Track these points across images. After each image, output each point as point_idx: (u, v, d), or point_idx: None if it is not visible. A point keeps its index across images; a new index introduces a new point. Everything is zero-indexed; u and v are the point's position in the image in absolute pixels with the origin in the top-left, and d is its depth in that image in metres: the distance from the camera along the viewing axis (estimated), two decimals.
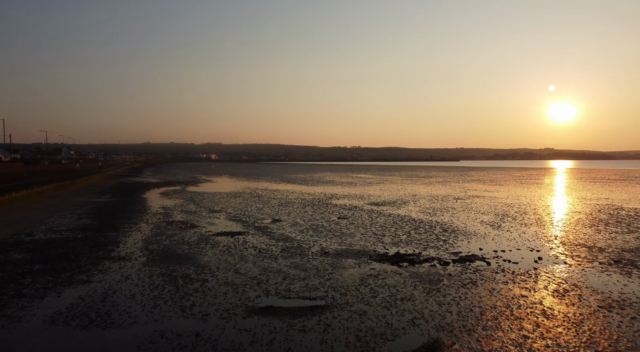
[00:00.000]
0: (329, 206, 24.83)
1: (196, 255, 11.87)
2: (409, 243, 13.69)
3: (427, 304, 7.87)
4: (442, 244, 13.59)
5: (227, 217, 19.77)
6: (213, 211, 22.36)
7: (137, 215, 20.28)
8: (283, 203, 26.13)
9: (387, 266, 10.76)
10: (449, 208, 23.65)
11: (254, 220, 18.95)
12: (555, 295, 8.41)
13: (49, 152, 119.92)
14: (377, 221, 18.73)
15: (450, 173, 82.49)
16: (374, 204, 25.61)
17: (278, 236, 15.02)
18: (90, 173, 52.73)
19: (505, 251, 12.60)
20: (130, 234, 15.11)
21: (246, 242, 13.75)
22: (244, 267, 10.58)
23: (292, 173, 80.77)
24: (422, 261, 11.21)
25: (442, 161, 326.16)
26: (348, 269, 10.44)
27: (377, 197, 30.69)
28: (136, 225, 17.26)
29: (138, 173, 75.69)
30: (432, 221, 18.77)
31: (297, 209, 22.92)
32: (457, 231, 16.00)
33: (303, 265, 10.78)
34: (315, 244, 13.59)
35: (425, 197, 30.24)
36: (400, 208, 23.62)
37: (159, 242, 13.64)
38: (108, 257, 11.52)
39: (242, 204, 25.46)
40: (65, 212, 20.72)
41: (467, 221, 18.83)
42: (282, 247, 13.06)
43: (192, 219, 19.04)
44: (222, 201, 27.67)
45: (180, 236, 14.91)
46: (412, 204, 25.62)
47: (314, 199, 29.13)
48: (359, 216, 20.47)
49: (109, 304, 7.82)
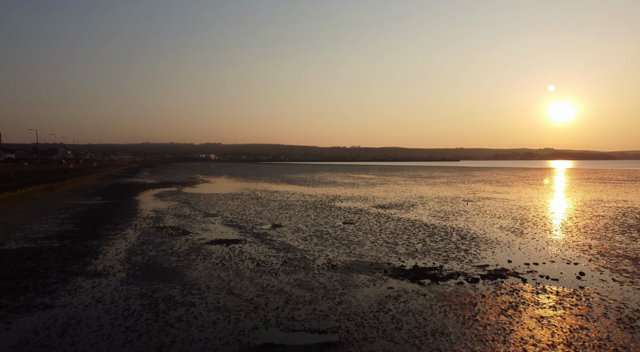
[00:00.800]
0: (333, 209, 23.27)
1: (185, 269, 10.31)
2: (426, 253, 12.13)
3: (466, 341, 6.30)
4: (464, 254, 12.04)
5: (223, 222, 18.20)
6: (208, 214, 20.79)
7: (126, 220, 18.71)
8: (283, 206, 24.57)
9: (406, 283, 9.20)
10: (462, 211, 22.08)
11: (252, 225, 17.39)
12: (622, 327, 6.84)
13: (45, 152, 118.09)
14: (387, 226, 17.17)
15: (453, 173, 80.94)
16: (381, 207, 24.05)
17: (279, 244, 13.46)
18: (84, 173, 51.14)
19: (538, 263, 11.03)
20: (114, 243, 13.54)
21: (243, 253, 12.20)
22: (239, 285, 9.02)
23: (292, 173, 79.19)
24: (446, 277, 9.65)
25: (442, 161, 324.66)
26: (361, 288, 8.88)
27: (383, 199, 29.13)
28: (122, 231, 15.69)
29: (135, 173, 74.09)
30: (447, 226, 17.21)
31: (298, 213, 21.36)
32: (476, 239, 14.43)
33: (308, 282, 9.23)
34: (321, 254, 12.03)
35: (433, 199, 28.68)
36: (409, 211, 22.06)
37: (144, 253, 12.07)
38: (82, 273, 9.95)
39: (240, 207, 23.90)
40: (47, 217, 19.14)
41: (484, 226, 17.27)
42: (284, 258, 11.50)
43: (184, 225, 17.47)
44: (219, 203, 26.11)
45: (170, 244, 13.34)
46: (420, 207, 24.06)
47: (316, 201, 27.57)
48: (365, 220, 18.91)
49: (68, 341, 6.24)
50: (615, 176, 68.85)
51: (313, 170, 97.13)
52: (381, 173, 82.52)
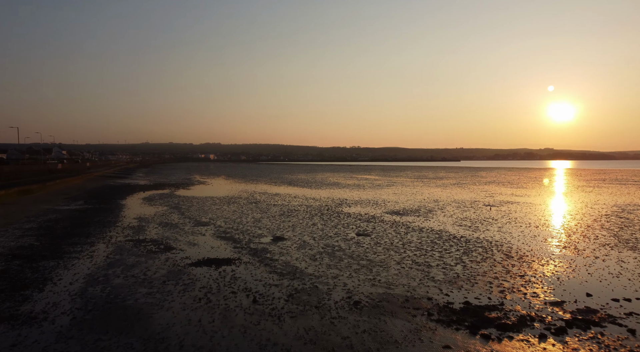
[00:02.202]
0: (341, 215, 20.51)
1: (155, 310, 7.55)
2: (471, 281, 9.39)
3: None
4: (522, 282, 9.30)
5: (215, 234, 15.45)
6: (199, 223, 18.03)
7: (101, 230, 15.96)
8: (285, 212, 21.81)
9: (465, 336, 6.46)
10: (489, 219, 19.33)
11: (249, 237, 14.64)
12: None
13: (39, 153, 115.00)
14: (409, 239, 14.43)
15: (459, 174, 78.19)
16: (395, 213, 21.29)
17: (281, 266, 10.71)
18: (73, 174, 48.36)
19: (630, 299, 8.28)
20: (75, 264, 10.79)
21: (235, 280, 9.45)
22: (226, 342, 6.27)
23: (292, 174, 76.42)
24: (518, 325, 6.91)
25: (443, 161, 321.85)
26: (404, 346, 6.13)
27: (394, 203, 26.37)
28: (91, 247, 12.93)
29: (129, 174, 71.29)
30: (480, 239, 14.47)
31: (303, 221, 18.60)
32: (525, 257, 11.69)
33: (325, 334, 6.49)
34: (337, 282, 9.29)
35: (450, 204, 25.92)
36: (428, 219, 19.31)
37: (108, 281, 9.31)
38: (10, 317, 7.20)
39: (237, 214, 21.13)
40: (9, 227, 16.37)
41: (525, 239, 14.52)
42: (289, 290, 8.75)
43: (169, 237, 14.71)
44: (213, 208, 23.34)
45: (144, 267, 10.59)
46: (439, 213, 21.30)
47: (321, 205, 24.82)
48: (382, 230, 16.17)
49: None
50: (626, 176, 66.12)
51: (314, 171, 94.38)
52: (384, 173, 79.75)
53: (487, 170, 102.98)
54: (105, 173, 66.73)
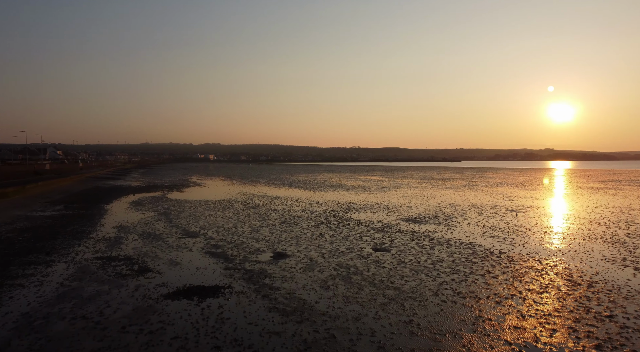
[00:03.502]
0: (351, 223, 17.99)
1: None
2: (545, 326, 6.87)
3: None
4: (616, 328, 6.77)
5: (205, 248, 12.93)
6: (187, 233, 15.51)
7: (70, 243, 13.42)
8: (287, 219, 19.29)
9: None
10: (521, 228, 16.81)
11: (244, 254, 12.11)
12: None
13: (33, 153, 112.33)
14: (438, 256, 11.90)
15: (465, 174, 75.66)
16: (411, 221, 18.77)
17: (285, 299, 8.18)
18: (63, 175, 45.82)
19: None
20: (15, 296, 8.26)
21: (222, 324, 6.93)
22: None
23: (292, 175, 73.88)
24: None
25: (444, 162, 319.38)
26: None
27: (407, 208, 23.84)
28: (48, 268, 10.41)
29: (123, 175, 68.74)
30: (524, 255, 11.94)
31: (307, 230, 16.08)
32: (595, 286, 9.16)
33: None
34: (361, 328, 6.77)
35: (469, 209, 23.39)
36: (451, 228, 16.79)
37: (44, 328, 6.77)
38: None
39: (232, 221, 18.61)
40: None
41: (578, 255, 11.98)
42: (296, 344, 6.22)
43: (147, 253, 12.18)
44: (206, 215, 20.81)
45: (104, 301, 8.05)
46: (462, 221, 18.78)
47: (326, 211, 22.30)
48: (402, 243, 13.65)
49: None
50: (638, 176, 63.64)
51: (314, 171, 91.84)
52: (388, 174, 77.23)
53: (492, 170, 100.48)
54: (98, 174, 64.19)
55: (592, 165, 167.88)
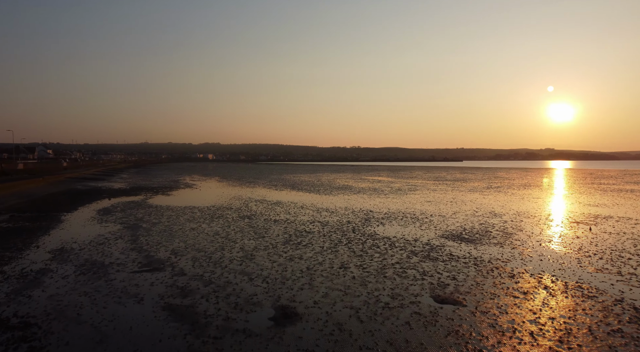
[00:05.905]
0: (379, 243, 13.16)
1: None
2: None
3: None
4: None
5: (163, 298, 8.10)
6: (149, 263, 10.68)
7: None
8: (292, 235, 14.47)
9: None
10: (623, 251, 11.98)
11: (226, 310, 7.31)
12: None
13: (21, 151, 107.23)
14: (549, 315, 7.08)
15: (478, 175, 70.79)
16: (459, 239, 13.94)
17: None
18: (38, 176, 40.96)
19: None
20: None
21: None
22: None
23: (293, 175, 68.98)
24: None
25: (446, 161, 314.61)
26: None
27: (441, 218, 19.00)
28: None
29: (110, 176, 63.82)
30: None
31: (323, 257, 11.25)
32: None
33: None
34: None
35: (520, 220, 18.56)
36: (521, 251, 11.97)
37: None
38: None
39: (218, 241, 13.78)
40: None
41: None
42: None
43: (64, 312, 7.37)
44: (186, 229, 15.99)
45: None
46: (524, 237, 13.96)
47: (341, 222, 17.49)
48: (473, 284, 8.85)
49: None
50: None
51: (316, 171, 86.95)
52: (395, 174, 72.36)
53: (502, 170, 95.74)
54: (82, 174, 59.28)
55: (596, 165, 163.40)
